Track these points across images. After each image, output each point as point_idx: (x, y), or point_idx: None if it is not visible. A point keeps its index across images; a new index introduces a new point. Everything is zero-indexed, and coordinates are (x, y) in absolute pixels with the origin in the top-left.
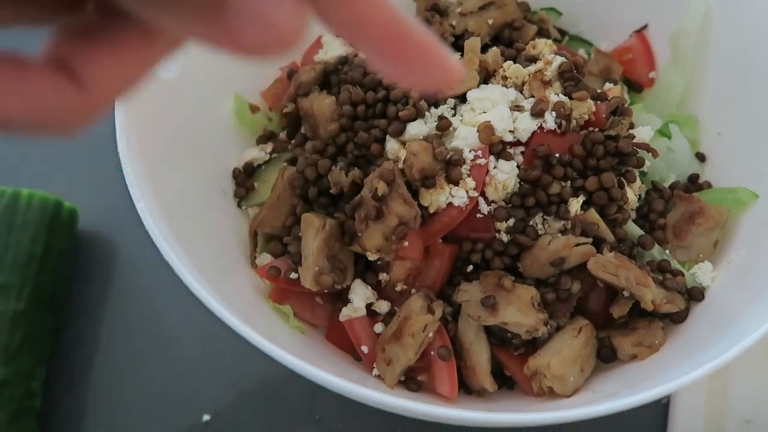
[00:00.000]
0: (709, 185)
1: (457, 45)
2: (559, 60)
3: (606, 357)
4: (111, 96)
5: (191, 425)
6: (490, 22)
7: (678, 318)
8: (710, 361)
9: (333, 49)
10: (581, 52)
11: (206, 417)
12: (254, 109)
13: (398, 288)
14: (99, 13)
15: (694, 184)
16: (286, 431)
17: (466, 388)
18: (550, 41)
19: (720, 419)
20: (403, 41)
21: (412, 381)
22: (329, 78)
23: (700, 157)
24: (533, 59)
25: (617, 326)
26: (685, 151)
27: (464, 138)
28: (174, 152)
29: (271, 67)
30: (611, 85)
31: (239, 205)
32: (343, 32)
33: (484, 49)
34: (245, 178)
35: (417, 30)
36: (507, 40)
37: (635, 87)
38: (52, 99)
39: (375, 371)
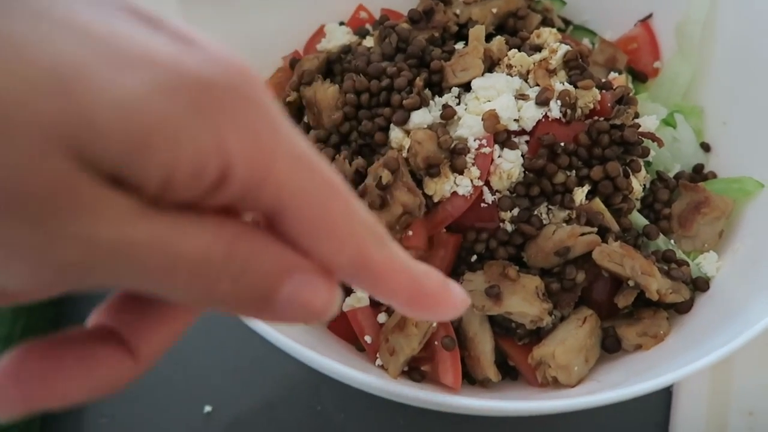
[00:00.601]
0: (714, 175)
1: (461, 33)
2: (564, 48)
3: (610, 347)
4: (158, 357)
5: (192, 416)
6: (494, 11)
7: (683, 308)
8: (714, 350)
9: (336, 37)
10: (585, 41)
11: (208, 408)
12: None
13: None
14: None
15: (699, 174)
16: (288, 422)
17: (470, 379)
18: (554, 30)
19: (722, 411)
20: (419, 295)
21: (415, 371)
22: (332, 67)
23: (705, 147)
24: (538, 48)
25: (622, 316)
26: (690, 140)
27: (469, 127)
28: None
29: (273, 56)
30: (616, 74)
31: None
32: (367, 291)
33: (489, 38)
34: None
35: (431, 280)
36: (511, 29)
37: (640, 77)
38: (112, 373)
39: (378, 361)
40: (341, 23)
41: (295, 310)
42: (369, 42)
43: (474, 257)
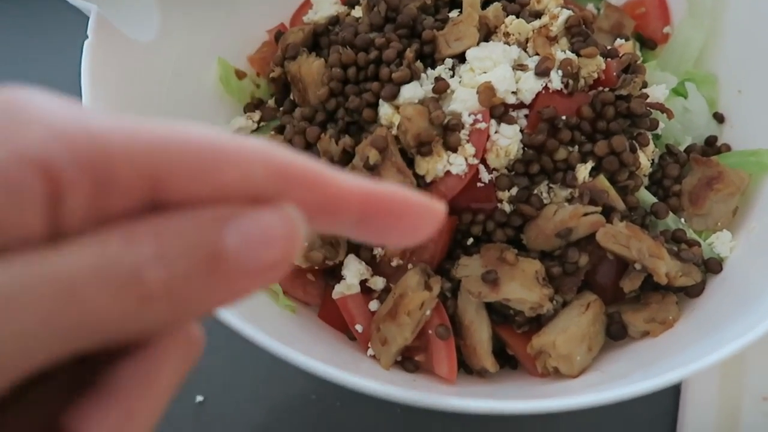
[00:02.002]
0: (728, 148)
1: (455, 1)
2: (566, 14)
3: (616, 334)
4: None
5: (184, 406)
6: None
7: (694, 291)
8: (730, 341)
9: (323, 8)
10: (590, 7)
11: (199, 398)
12: (240, 74)
13: (394, 263)
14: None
15: (711, 146)
16: (282, 411)
17: (466, 368)
18: None
19: (735, 397)
20: (377, 201)
21: (409, 361)
22: (319, 39)
23: (719, 118)
24: (538, 14)
25: (628, 301)
26: (702, 111)
27: (463, 101)
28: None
29: (258, 30)
30: (622, 41)
31: None
32: (321, 222)
33: (485, 5)
34: None
35: (389, 191)
36: None
37: (648, 44)
38: None
39: (370, 351)
40: None
41: (256, 252)
42: (358, 12)
43: (470, 240)
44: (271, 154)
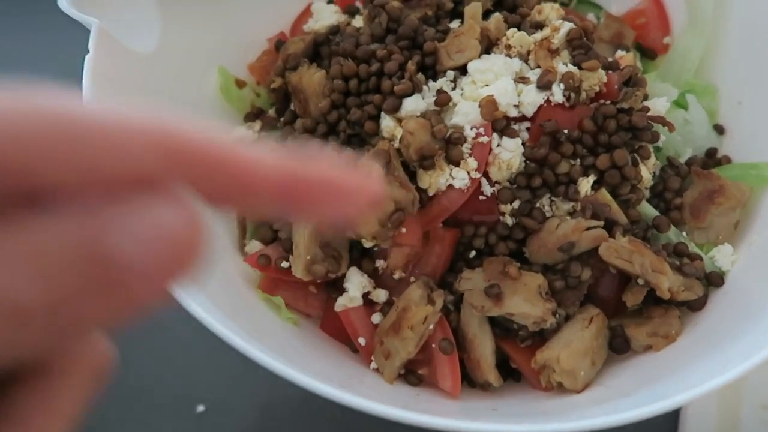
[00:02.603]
0: (728, 160)
1: (457, 11)
2: (567, 26)
3: (619, 348)
4: None
5: (185, 416)
6: None
7: (696, 305)
8: (736, 362)
9: (323, 17)
10: (590, 16)
11: (200, 408)
12: (240, 83)
13: (396, 276)
14: None
15: (711, 158)
16: (283, 420)
17: (470, 381)
18: (557, 5)
19: (735, 404)
20: (300, 185)
21: (412, 374)
22: (320, 49)
23: (719, 129)
24: (539, 26)
25: (630, 314)
26: (702, 123)
27: (465, 114)
28: None
29: (258, 38)
30: (623, 52)
31: None
32: (234, 205)
33: (486, 15)
34: None
35: (313, 174)
36: (510, 5)
37: (648, 54)
38: None
39: (373, 365)
40: (329, 1)
41: (151, 254)
42: (358, 22)
43: (472, 253)
44: (163, 129)
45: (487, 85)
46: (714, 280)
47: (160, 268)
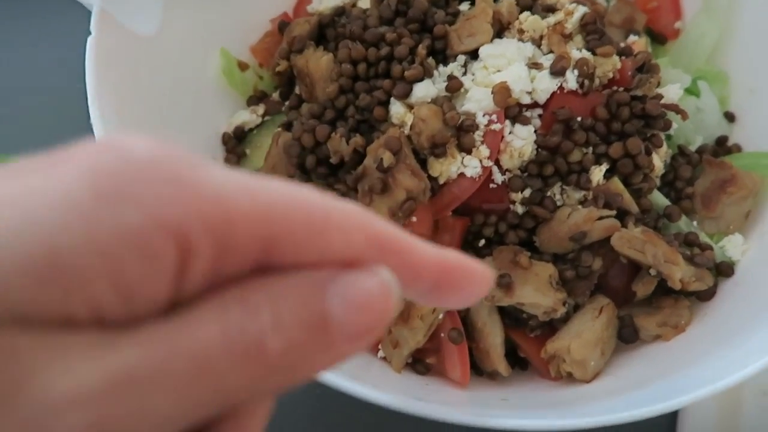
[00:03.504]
0: (738, 148)
1: None
2: (581, 10)
3: (628, 337)
4: None
5: None
6: None
7: (705, 296)
8: (751, 359)
9: None
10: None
11: None
12: (243, 66)
13: None
14: None
15: (722, 146)
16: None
17: (477, 369)
18: None
19: (735, 390)
20: (447, 270)
21: (420, 363)
22: (325, 31)
23: (730, 117)
24: (551, 9)
25: (639, 304)
26: (714, 110)
27: (477, 100)
28: (155, 117)
29: (260, 18)
30: (635, 37)
31: None
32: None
33: None
34: (236, 143)
35: (451, 254)
36: None
37: (658, 38)
38: None
39: (380, 353)
40: None
41: (357, 317)
42: (364, 3)
43: (482, 242)
44: (370, 221)
45: (499, 71)
46: (724, 270)
47: (362, 333)
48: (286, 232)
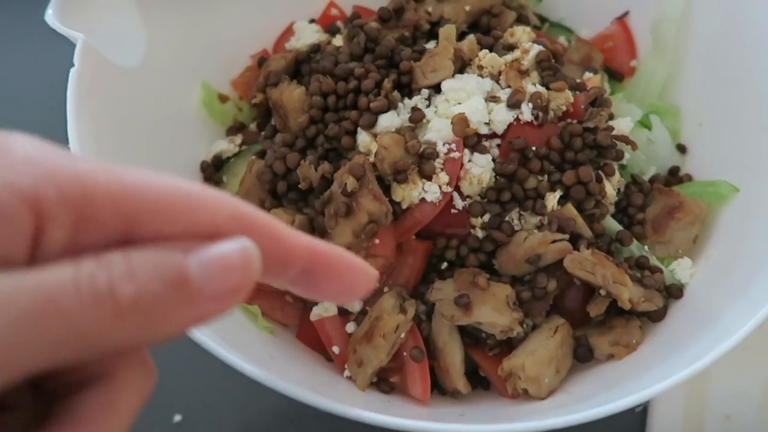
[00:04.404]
0: (690, 178)
1: (434, 32)
2: (536, 49)
3: (582, 356)
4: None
5: (162, 426)
6: (467, 8)
7: (656, 316)
8: (690, 363)
9: (305, 35)
10: (562, 39)
11: (177, 417)
12: (224, 98)
13: None
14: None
15: (674, 176)
16: (260, 430)
17: (440, 389)
18: (528, 29)
19: (699, 414)
20: (321, 257)
21: (384, 382)
22: (300, 67)
23: (681, 149)
24: (511, 47)
25: (594, 324)
26: (665, 142)
27: (438, 130)
28: (136, 147)
29: (241, 54)
30: (591, 74)
31: None
32: (272, 271)
33: (461, 36)
34: (213, 171)
35: (332, 249)
36: (485, 27)
37: (616, 76)
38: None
39: (347, 372)
40: (312, 20)
41: (217, 277)
42: (339, 41)
43: (444, 264)
44: (237, 204)
45: (459, 103)
46: (674, 292)
47: (222, 294)
48: (149, 210)
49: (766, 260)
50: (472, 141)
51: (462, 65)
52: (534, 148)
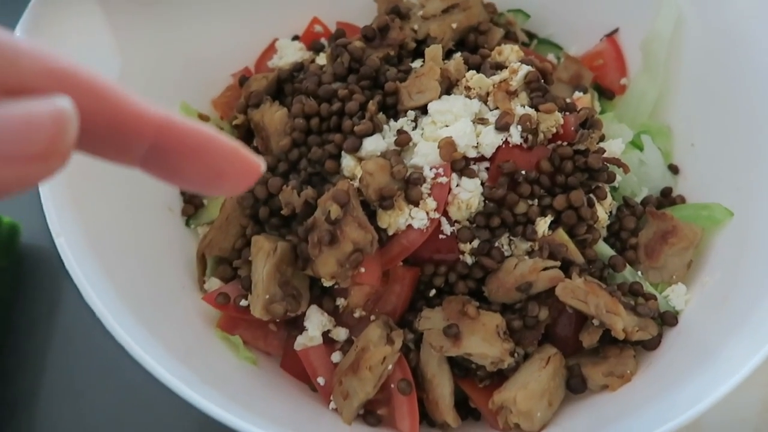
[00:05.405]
0: (682, 199)
1: (419, 51)
2: (525, 69)
3: (575, 387)
4: None
5: None
6: (454, 26)
7: (651, 345)
8: (690, 405)
9: (288, 53)
10: (551, 56)
11: None
12: (204, 118)
13: (357, 314)
14: None
15: (667, 198)
16: None
17: (429, 420)
18: (516, 47)
19: None
20: (178, 138)
21: (370, 415)
22: (283, 86)
23: (674, 170)
24: (499, 66)
25: (587, 353)
26: (657, 163)
27: (424, 154)
28: (112, 169)
29: (222, 73)
30: (581, 93)
31: (187, 224)
32: (110, 143)
33: (448, 54)
34: (194, 194)
35: (192, 125)
36: (472, 44)
37: (606, 94)
38: None
39: (332, 404)
40: (295, 37)
41: (16, 137)
42: (322, 59)
43: (433, 291)
44: (52, 54)
45: (446, 126)
46: (668, 319)
47: (26, 156)
48: None
49: (763, 290)
50: (460, 165)
51: (449, 86)
52: (524, 172)
